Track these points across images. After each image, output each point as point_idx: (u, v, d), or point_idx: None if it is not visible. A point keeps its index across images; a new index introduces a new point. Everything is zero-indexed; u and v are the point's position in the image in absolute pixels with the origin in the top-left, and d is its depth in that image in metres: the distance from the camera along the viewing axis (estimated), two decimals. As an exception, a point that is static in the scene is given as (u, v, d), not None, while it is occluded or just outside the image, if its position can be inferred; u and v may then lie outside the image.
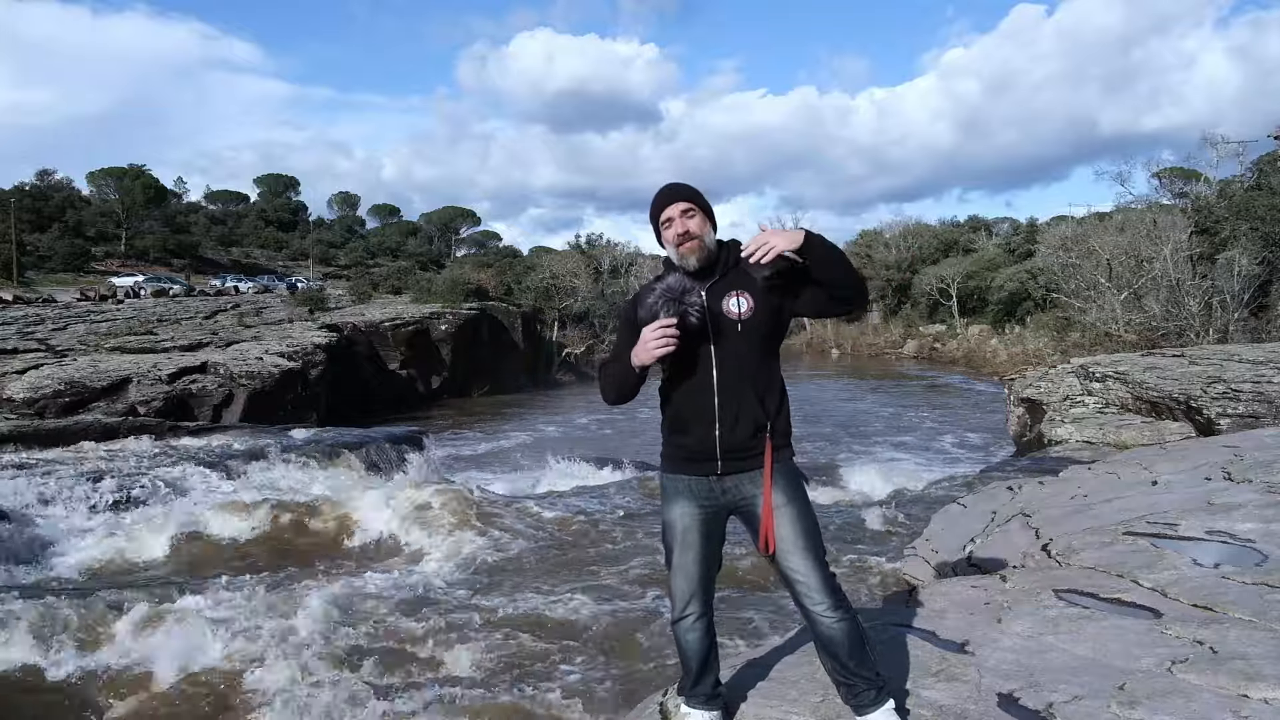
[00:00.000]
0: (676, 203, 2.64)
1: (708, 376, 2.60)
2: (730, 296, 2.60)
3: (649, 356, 2.50)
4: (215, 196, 79.93)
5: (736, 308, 2.59)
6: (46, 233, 50.74)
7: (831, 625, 2.60)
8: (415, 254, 65.20)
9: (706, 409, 2.61)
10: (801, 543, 2.58)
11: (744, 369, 2.60)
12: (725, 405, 2.60)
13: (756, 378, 2.62)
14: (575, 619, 6.40)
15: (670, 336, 2.47)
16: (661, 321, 2.48)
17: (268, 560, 8.21)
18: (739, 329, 2.59)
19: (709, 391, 2.60)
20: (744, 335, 2.59)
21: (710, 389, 2.60)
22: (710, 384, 2.60)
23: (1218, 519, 4.87)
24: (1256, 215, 22.51)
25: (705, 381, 2.60)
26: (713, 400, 2.60)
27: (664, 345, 2.47)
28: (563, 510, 9.76)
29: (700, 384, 2.61)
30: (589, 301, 38.02)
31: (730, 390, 2.60)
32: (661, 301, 2.53)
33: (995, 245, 50.18)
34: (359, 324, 28.35)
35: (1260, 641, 3.13)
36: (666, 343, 2.47)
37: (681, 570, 2.72)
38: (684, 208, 2.63)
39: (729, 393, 2.60)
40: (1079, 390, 13.35)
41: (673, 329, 2.48)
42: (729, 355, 2.59)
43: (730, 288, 2.62)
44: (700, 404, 2.62)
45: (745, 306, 2.59)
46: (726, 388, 2.59)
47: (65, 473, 10.02)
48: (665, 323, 2.48)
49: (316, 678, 5.40)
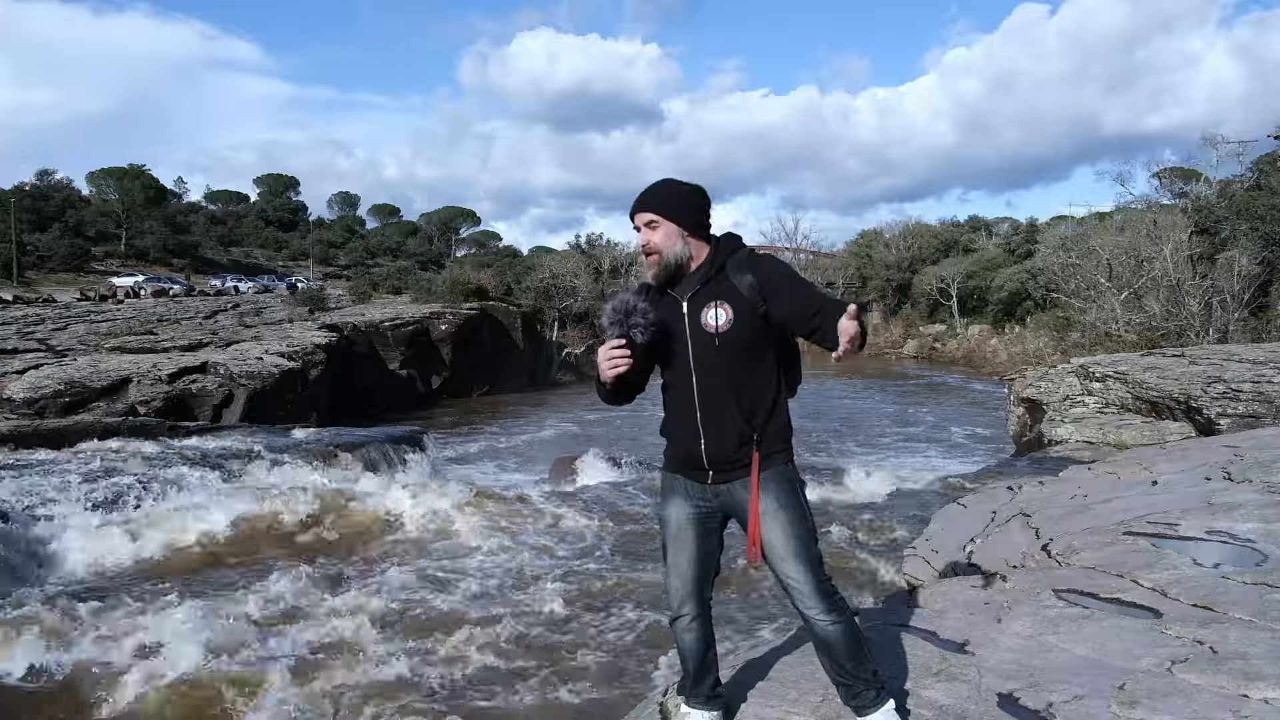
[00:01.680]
0: (641, 212, 2.57)
1: (689, 389, 2.57)
2: (710, 308, 2.53)
3: (606, 377, 2.49)
4: (215, 196, 79.98)
5: (715, 320, 2.52)
6: (46, 233, 50.74)
7: (827, 629, 2.59)
8: (415, 254, 65.23)
9: (690, 420, 2.59)
10: (793, 548, 2.55)
11: (725, 381, 2.54)
12: (707, 418, 2.57)
13: (740, 389, 2.55)
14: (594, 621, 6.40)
15: (618, 357, 2.45)
16: (610, 343, 2.47)
17: (271, 560, 8.20)
18: (716, 342, 2.53)
19: (691, 403, 2.58)
20: (722, 348, 2.53)
21: (692, 401, 2.57)
22: (691, 396, 2.57)
23: (1218, 519, 4.87)
24: (1256, 215, 22.49)
25: (687, 393, 2.58)
26: (695, 412, 2.57)
27: (615, 366, 2.46)
28: (566, 510, 9.77)
29: (683, 395, 2.59)
30: (589, 301, 37.98)
31: (711, 403, 2.56)
32: (608, 322, 2.50)
33: (995, 245, 50.13)
34: (359, 324, 28.33)
35: (1260, 641, 3.13)
36: (616, 364, 2.45)
37: (675, 569, 2.71)
38: (647, 218, 2.56)
39: (710, 405, 2.56)
40: (1079, 390, 13.34)
41: (620, 349, 2.45)
42: (707, 368, 2.55)
43: (711, 298, 2.54)
44: (684, 415, 2.60)
45: (724, 318, 2.51)
46: (707, 400, 2.56)
47: (65, 473, 10.01)
48: (613, 344, 2.46)
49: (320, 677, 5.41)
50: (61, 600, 6.60)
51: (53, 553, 8.12)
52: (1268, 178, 24.58)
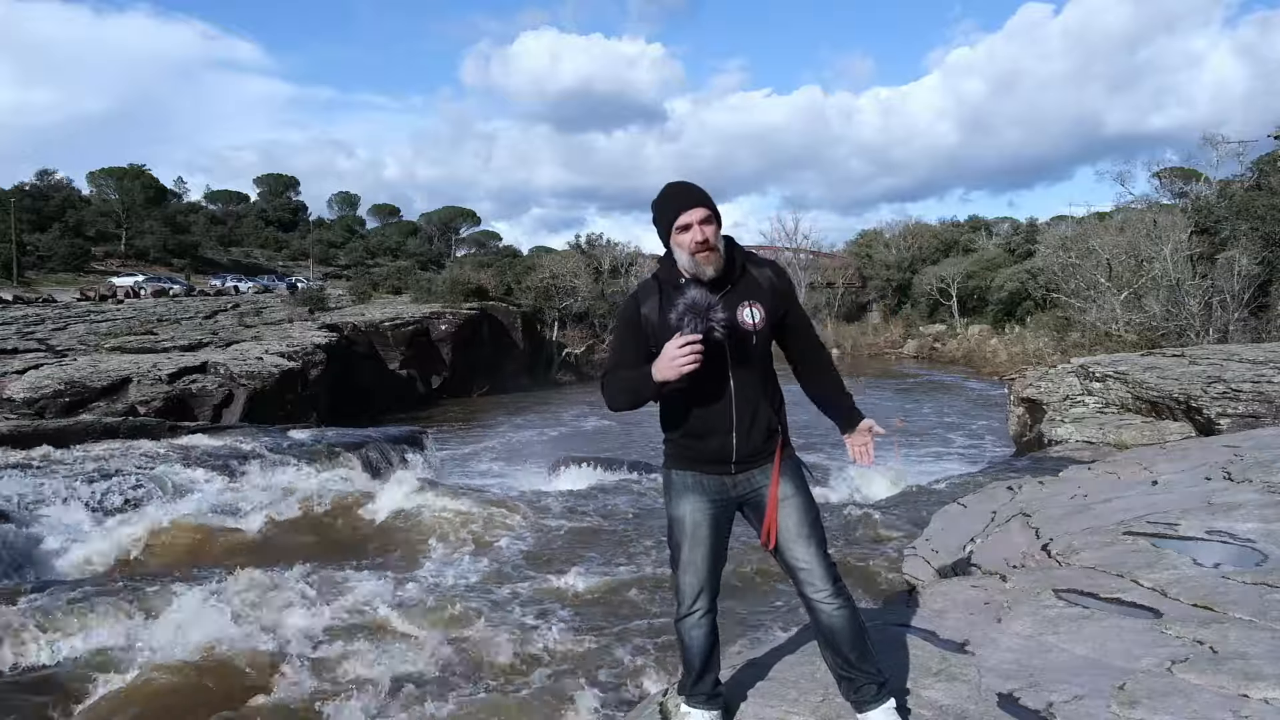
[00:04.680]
0: (697, 208, 2.53)
1: (724, 387, 2.59)
2: (744, 307, 2.58)
3: (675, 374, 2.41)
4: (215, 196, 79.93)
5: (751, 318, 2.58)
6: (46, 233, 50.75)
7: (833, 613, 2.62)
8: (415, 254, 65.18)
9: (724, 418, 2.60)
10: (805, 531, 2.63)
11: (757, 377, 2.63)
12: (742, 414, 2.61)
13: (768, 383, 2.67)
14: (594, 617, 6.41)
15: (698, 353, 2.41)
16: (688, 338, 2.40)
17: (274, 559, 8.20)
18: (754, 340, 2.59)
19: (726, 401, 2.60)
20: (757, 345, 2.60)
21: (728, 399, 2.60)
22: (728, 394, 2.59)
23: (1218, 519, 4.87)
24: (1256, 215, 22.48)
25: (722, 391, 2.59)
26: (730, 409, 2.60)
27: (690, 363, 2.40)
28: (568, 510, 9.78)
29: (717, 394, 2.59)
30: (589, 301, 37.96)
31: (746, 399, 2.61)
32: (687, 317, 2.42)
33: (995, 245, 50.13)
34: (359, 324, 28.32)
35: (1260, 641, 3.13)
36: (693, 360, 2.40)
37: (691, 566, 2.72)
38: (704, 215, 2.53)
39: (745, 402, 2.61)
40: (1079, 390, 13.34)
41: (699, 345, 2.41)
42: (744, 365, 2.59)
43: (742, 297, 2.60)
44: (717, 413, 2.61)
45: (759, 316, 2.59)
46: (743, 397, 2.60)
47: (65, 473, 10.01)
48: (691, 339, 2.40)
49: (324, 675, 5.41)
50: (61, 599, 6.60)
51: (53, 552, 8.13)
52: (1268, 178, 24.56)
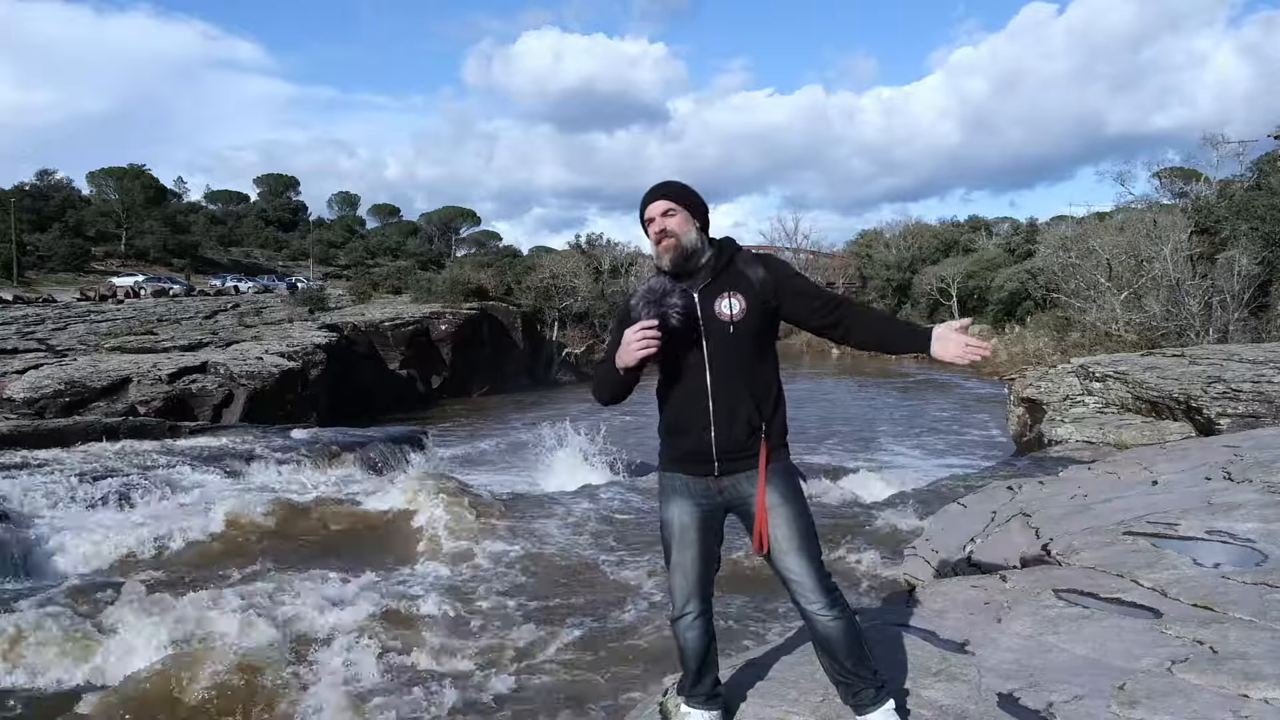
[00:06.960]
0: (657, 201, 2.66)
1: (701, 379, 2.61)
2: (723, 298, 2.61)
3: (631, 358, 2.52)
4: (215, 196, 79.96)
5: (729, 309, 2.60)
6: (46, 233, 50.77)
7: (827, 624, 2.61)
8: (415, 254, 65.16)
9: (701, 411, 2.61)
10: (796, 543, 2.59)
11: (738, 370, 2.61)
12: (719, 407, 2.60)
13: (751, 379, 2.63)
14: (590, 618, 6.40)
15: (650, 338, 2.48)
16: (642, 323, 2.50)
17: (275, 558, 8.20)
18: (731, 330, 2.59)
19: (703, 393, 2.61)
20: (736, 336, 2.60)
21: (704, 391, 2.60)
22: (704, 386, 2.60)
23: (1218, 519, 4.87)
24: (1256, 215, 22.49)
25: (699, 383, 2.61)
26: (707, 402, 2.60)
27: (644, 347, 2.48)
28: (570, 509, 9.78)
29: (694, 386, 2.62)
30: (589, 301, 37.98)
31: (724, 392, 2.60)
32: (642, 303, 2.56)
33: (995, 245, 50.18)
34: (359, 324, 28.33)
35: (1260, 641, 3.13)
36: (646, 344, 2.48)
37: (680, 568, 2.73)
38: (665, 207, 2.64)
39: (723, 394, 2.60)
40: (1079, 390, 13.34)
41: (653, 331, 2.49)
42: (722, 357, 2.60)
43: (723, 289, 2.62)
44: (695, 406, 2.62)
45: (738, 308, 2.60)
46: (721, 389, 2.60)
47: (65, 473, 10.01)
48: (646, 324, 2.49)
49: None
50: (61, 598, 6.59)
51: (53, 552, 8.12)
52: (1268, 178, 24.58)
